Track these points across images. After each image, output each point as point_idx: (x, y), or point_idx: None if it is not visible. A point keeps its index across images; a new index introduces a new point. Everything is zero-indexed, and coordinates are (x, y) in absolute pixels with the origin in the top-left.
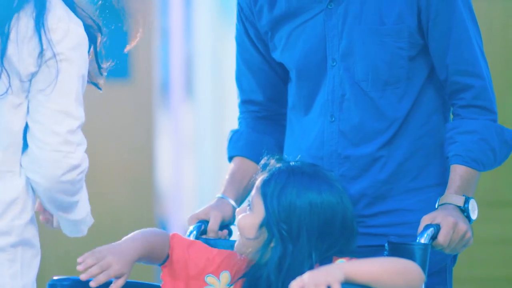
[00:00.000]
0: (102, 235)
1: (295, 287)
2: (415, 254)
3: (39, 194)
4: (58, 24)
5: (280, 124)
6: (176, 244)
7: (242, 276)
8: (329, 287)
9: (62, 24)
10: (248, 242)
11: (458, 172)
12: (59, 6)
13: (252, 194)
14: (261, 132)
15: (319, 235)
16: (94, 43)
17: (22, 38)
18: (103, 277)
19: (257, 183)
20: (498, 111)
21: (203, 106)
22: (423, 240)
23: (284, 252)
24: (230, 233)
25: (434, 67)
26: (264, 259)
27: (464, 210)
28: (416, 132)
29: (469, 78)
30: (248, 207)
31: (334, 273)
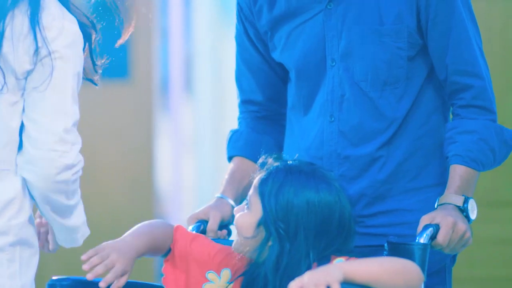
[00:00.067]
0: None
1: (294, 287)
2: (415, 254)
3: (34, 194)
4: (53, 22)
5: (279, 124)
6: (179, 237)
7: (241, 274)
8: (328, 287)
9: (57, 22)
10: (246, 241)
11: (458, 172)
12: (53, 4)
13: (250, 193)
14: (260, 132)
15: (317, 234)
16: (88, 41)
17: (18, 36)
18: (111, 276)
19: (254, 182)
20: (497, 111)
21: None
22: (422, 240)
23: (281, 250)
24: (229, 233)
25: (434, 67)
26: (262, 257)
27: (463, 210)
28: (416, 132)
29: (468, 78)
30: (246, 206)
31: (333, 273)
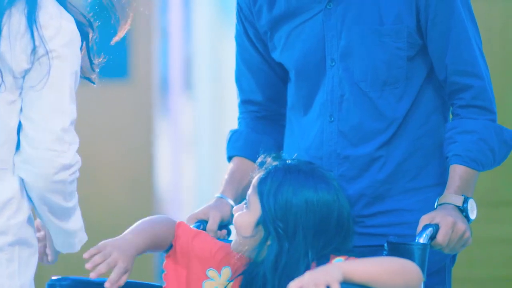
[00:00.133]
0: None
1: (294, 287)
2: (414, 254)
3: (31, 195)
4: (50, 21)
5: (279, 124)
6: (181, 233)
7: (240, 273)
8: (328, 287)
9: (54, 21)
10: (245, 240)
11: (457, 172)
12: (50, 3)
13: (249, 192)
14: (260, 132)
15: (315, 233)
16: (86, 39)
17: (15, 35)
18: (116, 276)
19: (253, 181)
20: (497, 111)
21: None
22: (422, 240)
23: (280, 250)
24: (229, 232)
25: (433, 67)
26: (261, 257)
27: (463, 210)
28: (415, 132)
29: (468, 78)
30: (245, 205)
31: (333, 272)
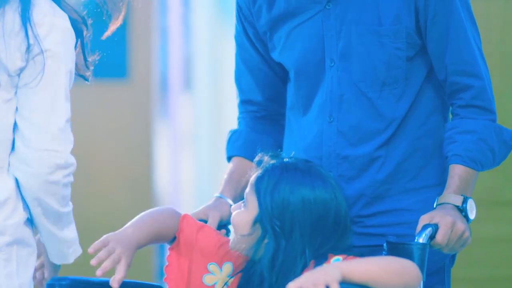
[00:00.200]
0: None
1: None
2: (414, 254)
3: (25, 195)
4: (44, 19)
5: (279, 124)
6: (185, 226)
7: (239, 271)
8: (327, 287)
9: (48, 19)
10: (242, 239)
11: (457, 172)
12: (43, 1)
13: (246, 190)
14: (260, 132)
15: (312, 231)
16: (80, 37)
17: (9, 33)
18: (121, 273)
19: (251, 179)
20: (497, 111)
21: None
22: (421, 239)
23: (277, 248)
24: (228, 232)
25: (433, 67)
26: (258, 255)
27: (462, 210)
28: (415, 133)
29: (468, 78)
30: (242, 204)
31: (332, 272)
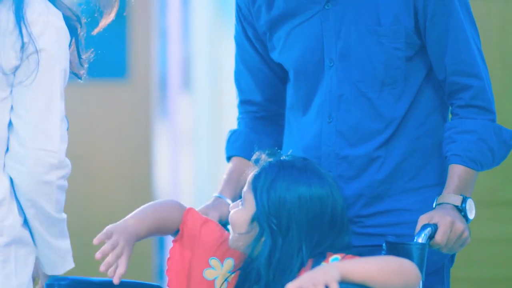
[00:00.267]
0: None
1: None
2: (413, 254)
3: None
4: (38, 18)
5: (278, 124)
6: (189, 220)
7: (238, 269)
8: (326, 287)
9: (42, 18)
10: (240, 237)
11: (456, 171)
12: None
13: (244, 189)
14: (259, 132)
15: (309, 229)
16: (75, 35)
17: (3, 32)
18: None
19: (248, 178)
20: (496, 111)
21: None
22: (421, 239)
23: (274, 246)
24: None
25: (433, 67)
26: (256, 253)
27: (461, 210)
28: (414, 133)
29: (467, 78)
30: (240, 202)
31: (331, 272)
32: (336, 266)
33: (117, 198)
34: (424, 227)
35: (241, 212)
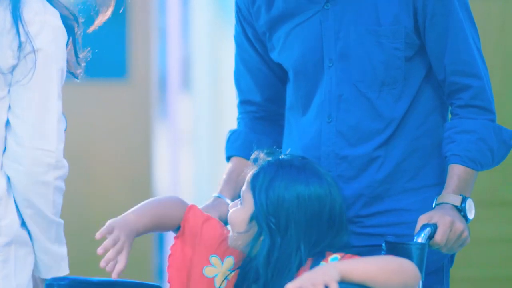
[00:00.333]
0: None
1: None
2: (412, 254)
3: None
4: (35, 17)
5: (278, 124)
6: (191, 217)
7: (237, 268)
8: (326, 287)
9: (39, 17)
10: (239, 236)
11: (456, 171)
12: None
13: (243, 188)
14: (259, 132)
15: (307, 228)
16: (72, 34)
17: (1, 31)
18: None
19: (247, 177)
20: (496, 111)
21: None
22: (420, 239)
23: (272, 245)
24: None
25: (432, 67)
26: (254, 252)
27: (461, 210)
28: (414, 133)
29: (467, 78)
30: (239, 202)
31: (330, 272)
32: (336, 266)
33: (117, 198)
34: (423, 227)
35: (239, 211)
